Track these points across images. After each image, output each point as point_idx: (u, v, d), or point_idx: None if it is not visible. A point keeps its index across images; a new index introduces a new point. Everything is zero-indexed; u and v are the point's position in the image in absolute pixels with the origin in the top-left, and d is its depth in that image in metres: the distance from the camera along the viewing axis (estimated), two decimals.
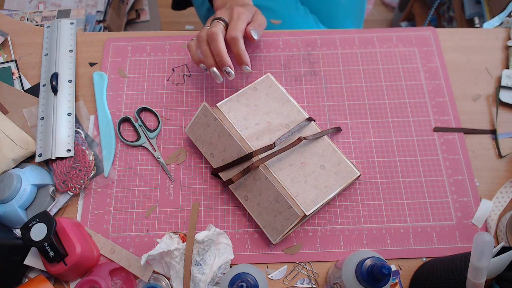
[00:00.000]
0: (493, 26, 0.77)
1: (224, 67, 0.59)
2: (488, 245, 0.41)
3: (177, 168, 0.64)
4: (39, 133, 0.64)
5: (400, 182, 0.62)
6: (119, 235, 0.60)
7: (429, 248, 0.58)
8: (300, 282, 0.57)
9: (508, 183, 0.62)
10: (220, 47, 0.59)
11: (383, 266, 0.42)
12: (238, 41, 0.60)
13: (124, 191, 0.62)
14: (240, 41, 0.60)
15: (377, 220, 0.60)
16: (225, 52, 0.59)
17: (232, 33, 0.60)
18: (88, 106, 0.68)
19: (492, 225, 0.59)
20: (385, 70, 0.70)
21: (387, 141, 0.65)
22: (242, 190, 0.58)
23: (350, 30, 0.73)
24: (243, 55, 0.60)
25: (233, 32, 0.60)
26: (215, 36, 0.59)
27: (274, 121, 0.63)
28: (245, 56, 0.60)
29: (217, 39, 0.59)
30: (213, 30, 0.59)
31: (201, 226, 0.60)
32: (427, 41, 0.72)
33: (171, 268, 0.55)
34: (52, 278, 0.57)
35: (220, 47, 0.59)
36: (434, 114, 0.67)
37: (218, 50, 0.59)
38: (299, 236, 0.59)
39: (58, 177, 0.61)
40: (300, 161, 0.59)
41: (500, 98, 0.67)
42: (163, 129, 0.66)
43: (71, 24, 0.73)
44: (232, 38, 0.60)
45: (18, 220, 0.58)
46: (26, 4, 1.22)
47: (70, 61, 0.70)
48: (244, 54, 0.60)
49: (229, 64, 0.59)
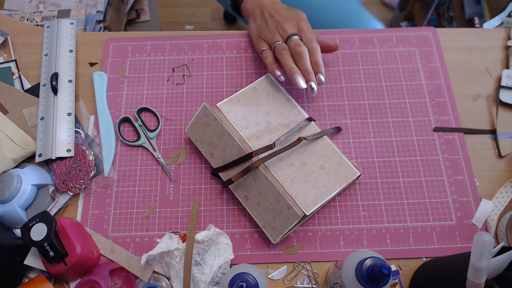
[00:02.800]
0: (493, 26, 0.77)
1: (311, 82, 0.62)
2: (488, 245, 0.41)
3: (177, 168, 0.64)
4: (39, 133, 0.64)
5: (400, 182, 0.62)
6: (119, 235, 0.60)
7: (429, 248, 0.58)
8: (300, 282, 0.57)
9: (508, 183, 0.62)
10: (309, 66, 0.62)
11: (383, 266, 0.42)
12: (318, 51, 0.63)
13: (124, 191, 0.62)
14: (319, 51, 0.63)
15: (377, 220, 0.60)
16: (312, 70, 0.62)
17: (313, 44, 0.63)
18: (88, 106, 0.68)
19: (492, 225, 0.59)
20: (385, 70, 0.70)
21: (387, 141, 0.65)
22: (242, 190, 0.58)
23: (350, 30, 0.73)
24: (321, 65, 0.63)
25: (313, 43, 0.63)
26: (304, 54, 0.62)
27: (274, 121, 0.63)
28: (322, 65, 0.63)
29: (306, 56, 0.62)
30: (301, 49, 0.62)
31: (201, 226, 0.60)
32: (427, 41, 0.72)
33: (171, 268, 0.55)
34: (52, 278, 0.57)
35: (309, 66, 0.62)
36: (434, 114, 0.67)
37: (306, 67, 0.62)
38: (299, 236, 0.59)
39: (58, 177, 0.61)
40: (300, 161, 0.59)
41: (500, 98, 0.67)
42: (163, 129, 0.66)
43: (71, 24, 0.73)
44: (313, 47, 0.63)
45: (18, 220, 0.58)
46: (26, 4, 1.22)
47: (70, 61, 0.70)
48: (322, 64, 0.63)
49: (315, 80, 0.62)
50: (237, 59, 0.71)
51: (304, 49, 0.62)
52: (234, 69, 0.70)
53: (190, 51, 0.72)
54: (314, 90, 0.61)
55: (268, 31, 0.66)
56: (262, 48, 0.66)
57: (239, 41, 0.73)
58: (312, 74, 0.62)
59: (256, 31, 0.68)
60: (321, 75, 0.62)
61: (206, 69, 0.71)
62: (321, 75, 0.62)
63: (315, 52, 0.63)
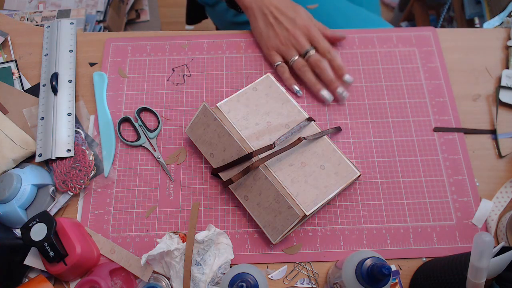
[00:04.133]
0: (493, 26, 0.77)
1: (338, 89, 0.65)
2: (488, 245, 0.41)
3: (177, 168, 0.64)
4: (39, 133, 0.64)
5: (400, 182, 0.62)
6: (119, 235, 0.60)
7: (429, 248, 0.58)
8: (300, 282, 0.57)
9: (508, 183, 0.62)
10: (332, 75, 0.65)
11: (383, 266, 0.42)
12: (337, 56, 0.66)
13: (124, 191, 0.62)
14: (338, 56, 0.66)
15: (377, 220, 0.60)
16: (335, 78, 0.65)
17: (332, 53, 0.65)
18: (88, 106, 0.68)
19: (492, 225, 0.59)
20: (385, 70, 0.70)
21: (387, 141, 0.65)
22: (242, 190, 0.58)
23: (350, 30, 0.73)
24: (343, 67, 0.65)
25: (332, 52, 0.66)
26: (326, 67, 0.65)
27: (274, 121, 0.63)
28: (345, 67, 0.65)
29: (328, 68, 0.65)
30: (323, 64, 0.65)
31: (201, 226, 0.60)
32: (427, 41, 0.72)
33: (171, 268, 0.55)
34: (52, 278, 0.57)
35: (332, 75, 0.65)
36: (434, 114, 0.67)
37: (330, 78, 0.65)
38: (299, 236, 0.59)
39: (58, 177, 0.61)
40: (300, 161, 0.59)
41: (500, 98, 0.67)
42: (163, 129, 0.66)
43: (71, 24, 0.73)
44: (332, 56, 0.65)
45: (18, 220, 0.58)
46: (26, 4, 1.22)
47: (70, 61, 0.70)
48: (343, 66, 0.65)
49: (341, 86, 0.65)
50: (237, 59, 0.71)
51: (325, 63, 0.65)
52: (234, 69, 0.70)
53: (190, 51, 0.72)
54: (343, 94, 0.64)
55: (280, 43, 0.67)
56: (277, 62, 0.68)
57: (239, 41, 0.73)
58: (338, 81, 0.64)
59: (264, 39, 0.68)
60: (347, 76, 0.65)
61: (206, 69, 0.71)
62: (347, 76, 0.65)
63: (335, 59, 0.65)
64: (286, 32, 0.66)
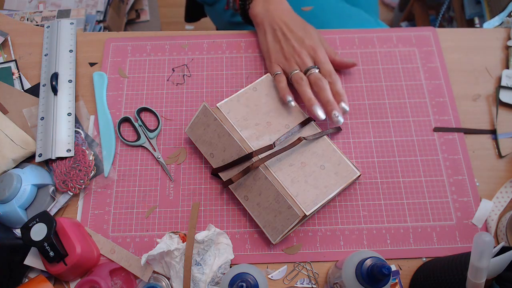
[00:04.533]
0: (493, 26, 0.77)
1: (334, 111, 0.61)
2: (488, 245, 0.41)
3: (177, 168, 0.64)
4: (39, 133, 0.64)
5: (400, 182, 0.62)
6: (119, 235, 0.60)
7: (429, 248, 0.58)
8: (300, 282, 0.57)
9: (508, 183, 0.62)
10: (330, 96, 0.62)
11: (383, 266, 0.42)
12: (338, 81, 0.63)
13: (124, 191, 0.62)
14: (339, 82, 0.64)
15: (377, 220, 0.60)
16: (334, 100, 0.62)
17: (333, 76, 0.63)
18: (88, 106, 0.68)
19: (492, 225, 0.59)
20: (385, 70, 0.70)
21: (387, 141, 0.65)
22: (242, 190, 0.58)
23: (350, 30, 0.73)
24: (343, 94, 0.63)
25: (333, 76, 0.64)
26: (325, 87, 0.62)
27: (274, 121, 0.63)
28: (344, 94, 0.63)
29: (327, 88, 0.62)
30: (322, 83, 0.62)
31: (201, 226, 0.60)
32: (427, 41, 0.72)
33: (171, 268, 0.55)
34: (52, 278, 0.57)
35: (331, 96, 0.62)
36: (434, 114, 0.67)
37: (328, 98, 0.62)
38: (299, 236, 0.59)
39: (58, 177, 0.61)
40: (300, 161, 0.59)
41: (500, 98, 0.67)
42: (163, 129, 0.66)
43: (71, 24, 0.73)
44: (333, 79, 0.63)
45: (18, 220, 0.58)
46: (26, 4, 1.22)
47: (70, 61, 0.70)
48: (343, 93, 0.63)
49: (338, 109, 0.61)
50: (237, 59, 0.71)
51: (325, 82, 0.62)
52: (234, 69, 0.70)
53: (190, 51, 0.72)
54: (339, 118, 0.61)
55: (283, 57, 0.66)
56: (276, 72, 0.65)
57: (239, 41, 0.73)
58: (335, 104, 0.61)
59: (269, 53, 0.67)
60: (343, 104, 0.62)
61: (206, 69, 0.71)
62: (344, 104, 0.62)
63: (336, 83, 0.63)
64: (292, 49, 0.65)
